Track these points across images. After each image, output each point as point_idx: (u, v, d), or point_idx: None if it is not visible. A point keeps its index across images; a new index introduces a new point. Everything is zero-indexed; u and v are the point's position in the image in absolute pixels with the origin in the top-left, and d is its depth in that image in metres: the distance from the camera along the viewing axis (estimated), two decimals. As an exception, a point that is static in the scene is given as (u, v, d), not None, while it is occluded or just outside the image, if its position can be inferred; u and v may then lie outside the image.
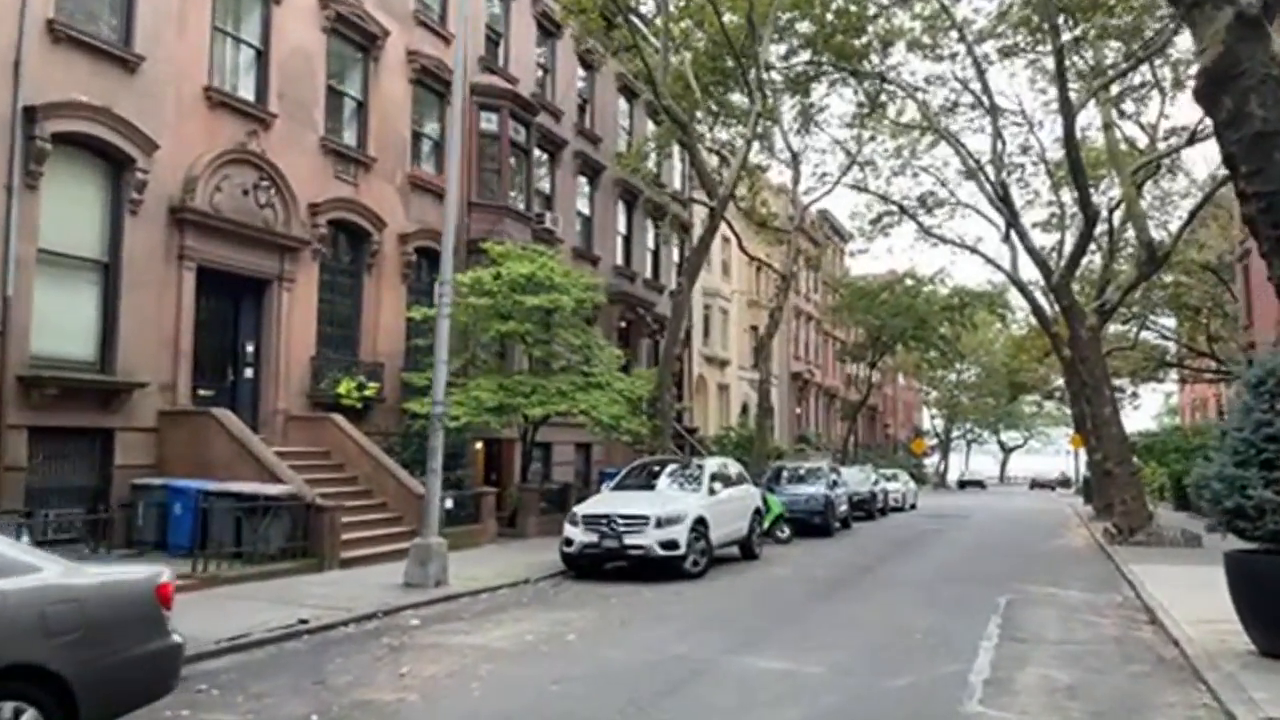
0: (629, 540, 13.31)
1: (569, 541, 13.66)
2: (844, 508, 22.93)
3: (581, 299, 18.52)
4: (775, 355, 42.58)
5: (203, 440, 13.32)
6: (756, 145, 29.00)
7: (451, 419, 14.53)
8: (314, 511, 12.77)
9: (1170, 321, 38.92)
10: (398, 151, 18.96)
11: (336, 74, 17.46)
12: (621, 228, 29.20)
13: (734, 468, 16.66)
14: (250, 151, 15.09)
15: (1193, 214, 19.88)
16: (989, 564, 16.19)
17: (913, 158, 29.95)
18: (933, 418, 72.55)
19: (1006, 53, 22.54)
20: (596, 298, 19.02)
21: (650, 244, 31.08)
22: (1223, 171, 23.85)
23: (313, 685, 7.26)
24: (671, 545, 13.31)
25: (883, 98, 26.12)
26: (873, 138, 29.19)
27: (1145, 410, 62.24)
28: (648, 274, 30.54)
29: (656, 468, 15.99)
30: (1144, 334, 39.65)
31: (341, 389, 16.30)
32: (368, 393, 16.72)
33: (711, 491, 14.61)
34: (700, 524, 13.85)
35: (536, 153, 24.73)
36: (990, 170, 22.19)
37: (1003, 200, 21.21)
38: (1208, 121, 24.22)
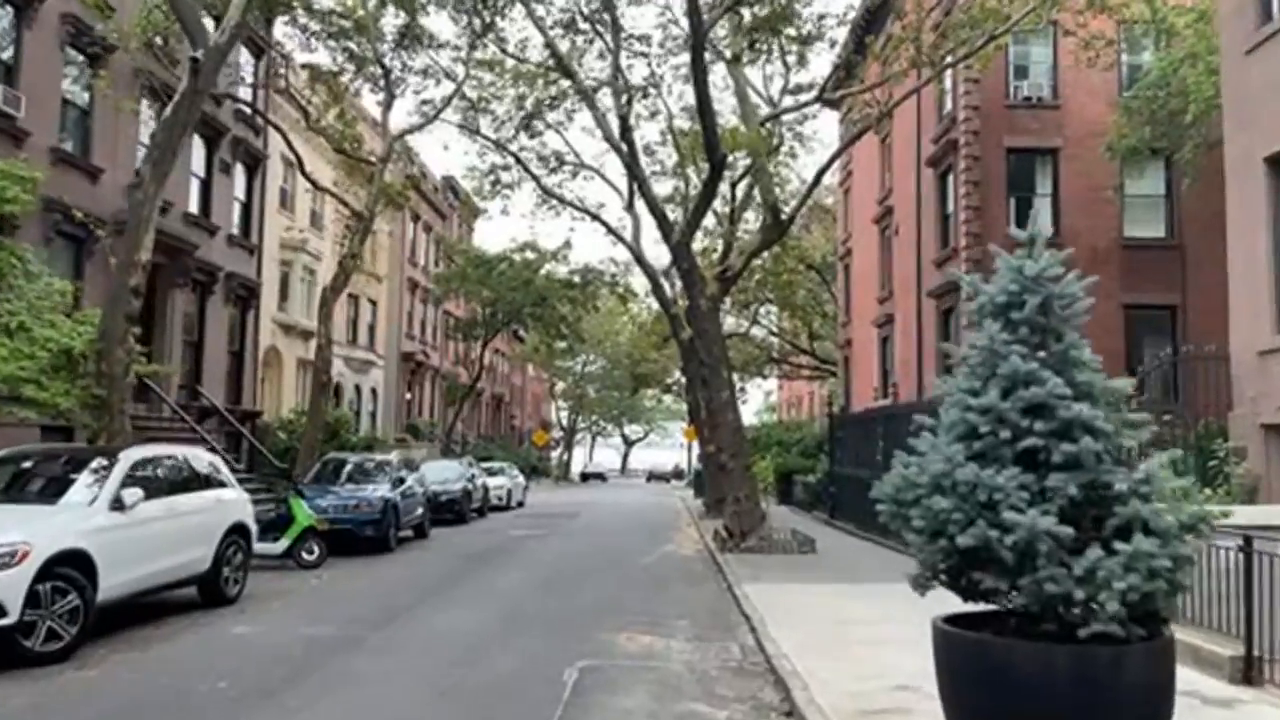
0: None
1: None
2: (418, 511, 17.45)
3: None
4: (382, 331, 36.16)
5: None
6: (352, 69, 22.57)
7: None
8: None
9: (775, 312, 38.75)
10: None
11: None
12: (146, 137, 21.15)
13: (200, 462, 10.31)
14: None
15: (817, 177, 17.24)
16: (576, 592, 11.61)
17: (536, 111, 25.42)
18: (559, 410, 70.06)
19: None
20: (18, 196, 11.63)
21: (200, 169, 23.27)
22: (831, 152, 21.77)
23: None
24: (-19, 611, 6.82)
25: (498, 20, 21.10)
26: (496, 75, 24.10)
27: (749, 406, 64.74)
28: (192, 207, 22.76)
29: (41, 465, 9.19)
30: (754, 329, 39.20)
31: None
32: None
33: (119, 504, 8.24)
34: (74, 564, 7.50)
35: (-14, -3, 16.38)
36: (612, 106, 18.00)
37: (621, 137, 17.08)
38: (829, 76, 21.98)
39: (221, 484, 10.34)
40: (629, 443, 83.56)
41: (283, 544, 13.17)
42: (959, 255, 21.91)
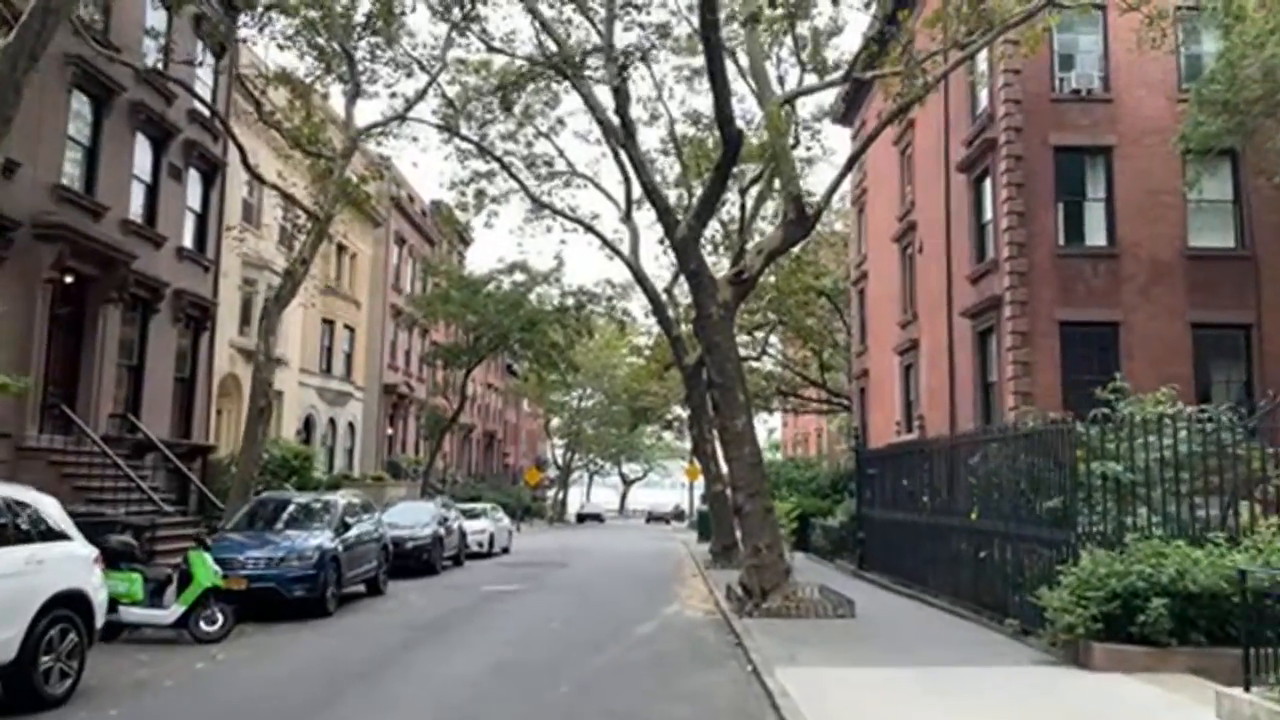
0: None
1: None
2: (370, 564, 14.28)
3: None
4: (361, 360, 33.21)
5: None
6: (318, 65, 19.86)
7: None
8: None
9: (781, 341, 35.78)
10: None
11: None
12: (79, 133, 18.40)
13: (17, 506, 7.25)
14: None
15: (849, 164, 14.31)
16: (548, 683, 8.46)
17: (526, 117, 22.85)
18: (554, 448, 66.64)
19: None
20: None
21: (145, 173, 20.48)
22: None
23: None
24: None
25: (480, 6, 18.47)
26: (481, 79, 21.52)
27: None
28: (134, 215, 19.88)
29: None
30: (762, 361, 36.20)
31: None
32: None
33: None
34: None
35: None
36: (606, 101, 15.07)
37: (616, 112, 14.09)
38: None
39: (50, 536, 7.27)
40: (627, 482, 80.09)
41: (174, 611, 10.07)
42: (1000, 268, 19.06)
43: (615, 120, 14.28)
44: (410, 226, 37.65)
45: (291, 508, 13.77)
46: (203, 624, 10.13)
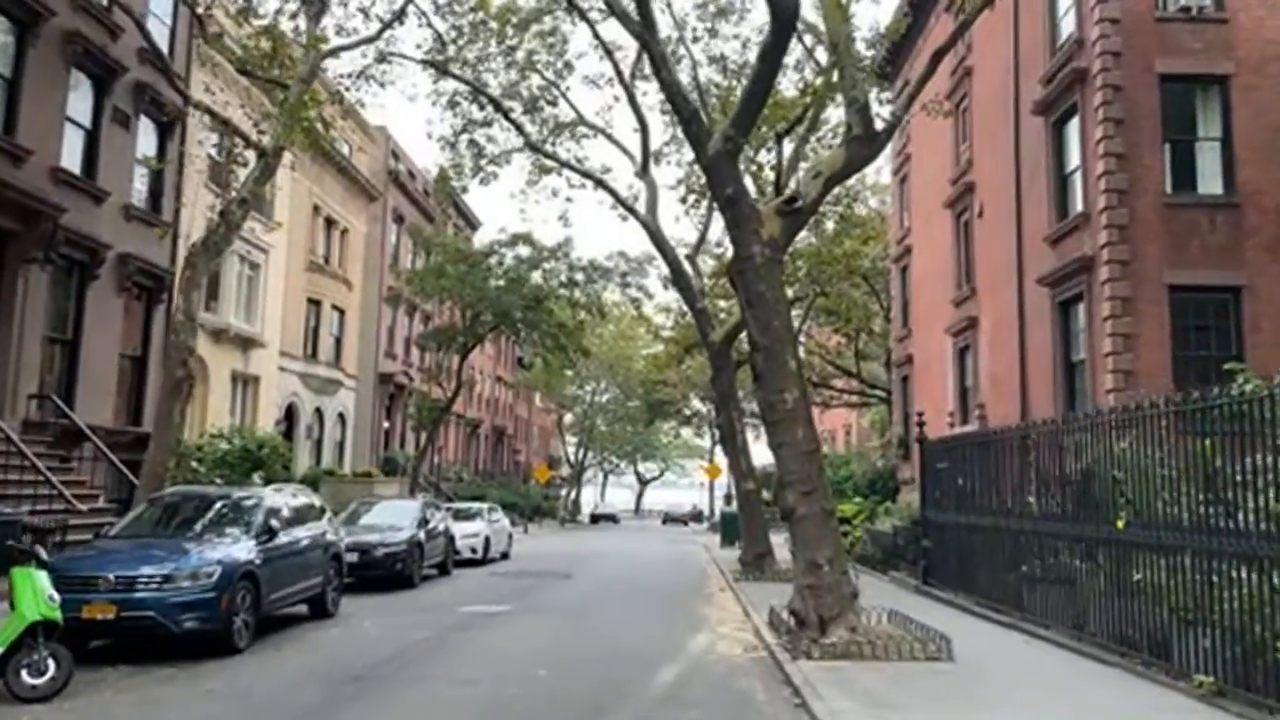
0: None
1: None
2: (311, 581, 10.89)
3: None
4: (353, 347, 30.00)
5: None
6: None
7: None
8: None
9: (812, 325, 32.21)
10: None
11: None
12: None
13: None
14: None
15: (937, 56, 10.75)
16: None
17: (529, 65, 19.59)
18: (567, 445, 63.20)
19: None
20: None
21: (83, 117, 17.35)
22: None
23: None
24: None
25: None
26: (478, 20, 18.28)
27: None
28: (67, 162, 16.78)
29: None
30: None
31: None
32: None
33: None
34: None
35: None
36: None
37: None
38: None
39: None
40: (643, 481, 76.58)
41: (-14, 654, 6.81)
42: (1092, 223, 15.56)
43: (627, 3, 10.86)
44: (409, 203, 34.46)
45: (210, 508, 10.43)
46: (25, 674, 6.86)
